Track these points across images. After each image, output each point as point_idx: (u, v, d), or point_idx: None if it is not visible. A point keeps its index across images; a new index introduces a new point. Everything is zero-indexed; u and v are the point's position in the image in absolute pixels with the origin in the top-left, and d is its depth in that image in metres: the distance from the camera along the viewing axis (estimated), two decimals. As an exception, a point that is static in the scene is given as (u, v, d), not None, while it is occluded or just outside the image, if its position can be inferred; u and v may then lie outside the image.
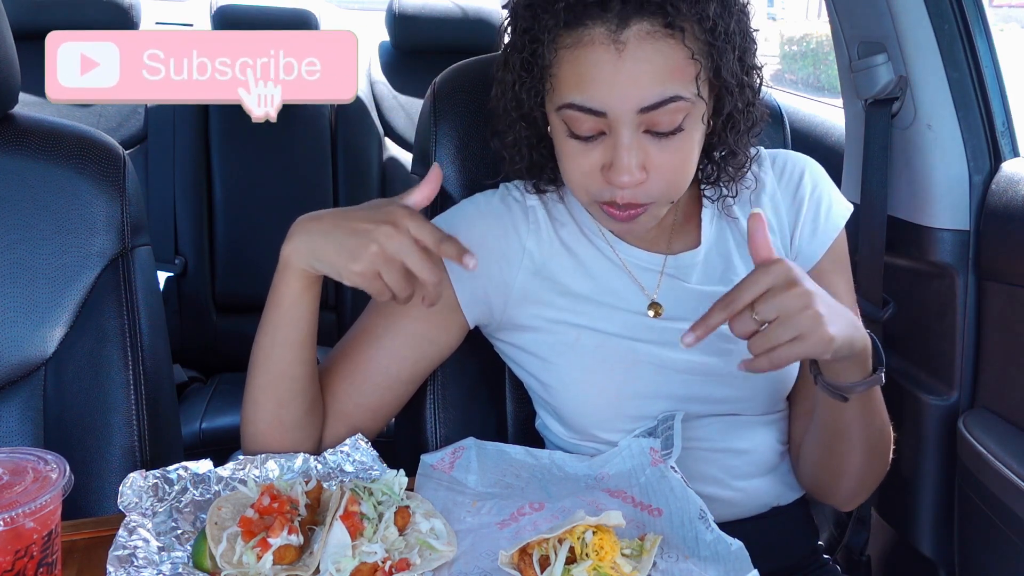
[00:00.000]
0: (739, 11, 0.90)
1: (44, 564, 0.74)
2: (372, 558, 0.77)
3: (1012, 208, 1.22)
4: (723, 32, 0.87)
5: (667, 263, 1.02)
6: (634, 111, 0.86)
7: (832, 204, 1.06)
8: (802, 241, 1.05)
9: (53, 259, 1.07)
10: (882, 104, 1.33)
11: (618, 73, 0.85)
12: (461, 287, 1.00)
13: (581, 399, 1.00)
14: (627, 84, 0.85)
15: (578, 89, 0.87)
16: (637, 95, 0.85)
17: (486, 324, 1.05)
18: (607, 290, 1.01)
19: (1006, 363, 1.24)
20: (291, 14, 2.46)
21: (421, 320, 1.00)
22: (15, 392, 1.07)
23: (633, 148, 0.87)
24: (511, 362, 1.09)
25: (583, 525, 0.77)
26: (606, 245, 1.03)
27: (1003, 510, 1.16)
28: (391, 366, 1.00)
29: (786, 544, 1.08)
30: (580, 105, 0.87)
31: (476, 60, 1.27)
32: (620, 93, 0.85)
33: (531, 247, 1.02)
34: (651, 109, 0.86)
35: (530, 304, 1.02)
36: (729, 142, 0.96)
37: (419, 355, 1.02)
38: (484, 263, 0.98)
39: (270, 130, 2.39)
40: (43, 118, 1.13)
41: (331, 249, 0.86)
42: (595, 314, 1.00)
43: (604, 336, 1.00)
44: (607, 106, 0.86)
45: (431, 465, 0.98)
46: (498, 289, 1.01)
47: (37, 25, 2.25)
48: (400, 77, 2.56)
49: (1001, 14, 5.22)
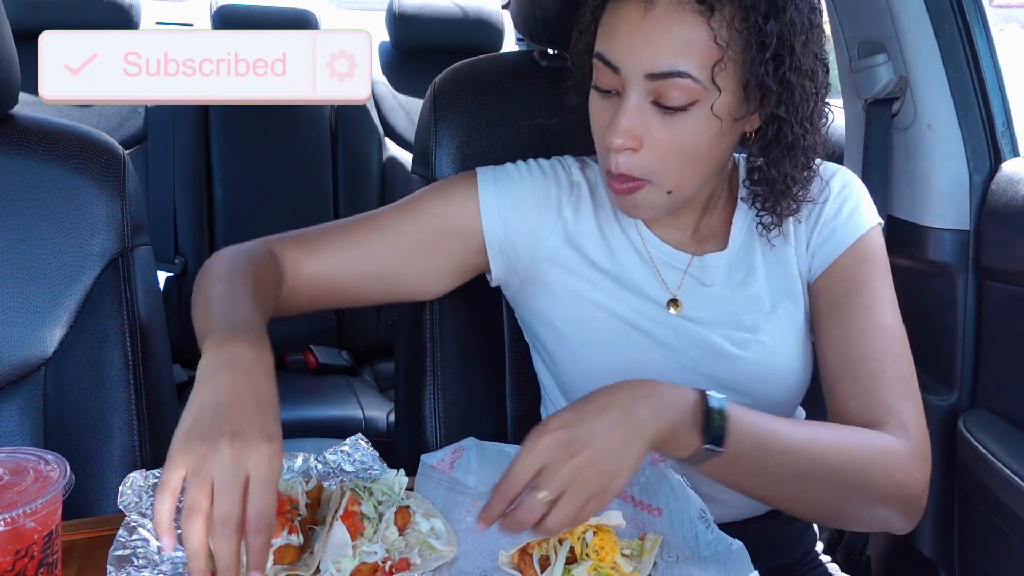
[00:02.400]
0: (800, 23, 0.87)
1: (44, 564, 0.74)
2: (372, 558, 0.77)
3: (1012, 208, 1.22)
4: (765, 31, 0.86)
5: (692, 263, 1.02)
6: (642, 75, 0.87)
7: (858, 207, 1.01)
8: (821, 239, 1.01)
9: (53, 259, 1.07)
10: (882, 104, 1.33)
11: (638, 32, 0.87)
12: (490, 228, 1.01)
13: (588, 377, 1.00)
14: (642, 45, 0.87)
15: (605, 40, 0.90)
16: (648, 59, 0.86)
17: (509, 282, 1.05)
18: (630, 277, 1.01)
19: (1006, 363, 1.24)
20: (291, 14, 2.46)
21: (433, 232, 1.01)
22: (15, 392, 1.07)
23: (633, 113, 0.88)
24: (529, 332, 1.09)
25: (583, 525, 0.77)
26: (637, 236, 1.03)
27: (1003, 510, 1.16)
28: (380, 258, 1.00)
29: (786, 544, 1.08)
30: (602, 55, 0.90)
31: (476, 60, 1.27)
32: (633, 53, 0.87)
33: (568, 216, 1.03)
34: (659, 78, 0.86)
35: (556, 267, 1.02)
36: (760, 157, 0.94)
37: (411, 263, 1.01)
38: (521, 214, 1.01)
39: (270, 130, 2.42)
40: (43, 118, 1.13)
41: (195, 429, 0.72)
42: (615, 295, 1.00)
43: (619, 320, 1.00)
44: (620, 62, 0.88)
45: (431, 465, 0.98)
46: (527, 242, 1.02)
47: (37, 25, 2.26)
48: (400, 77, 2.56)
49: (1001, 14, 5.22)
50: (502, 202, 1.01)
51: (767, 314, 1.00)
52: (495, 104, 1.21)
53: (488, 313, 1.16)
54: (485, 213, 1.01)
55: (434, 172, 1.19)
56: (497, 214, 1.01)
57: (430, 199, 1.04)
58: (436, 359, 1.17)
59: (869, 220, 1.01)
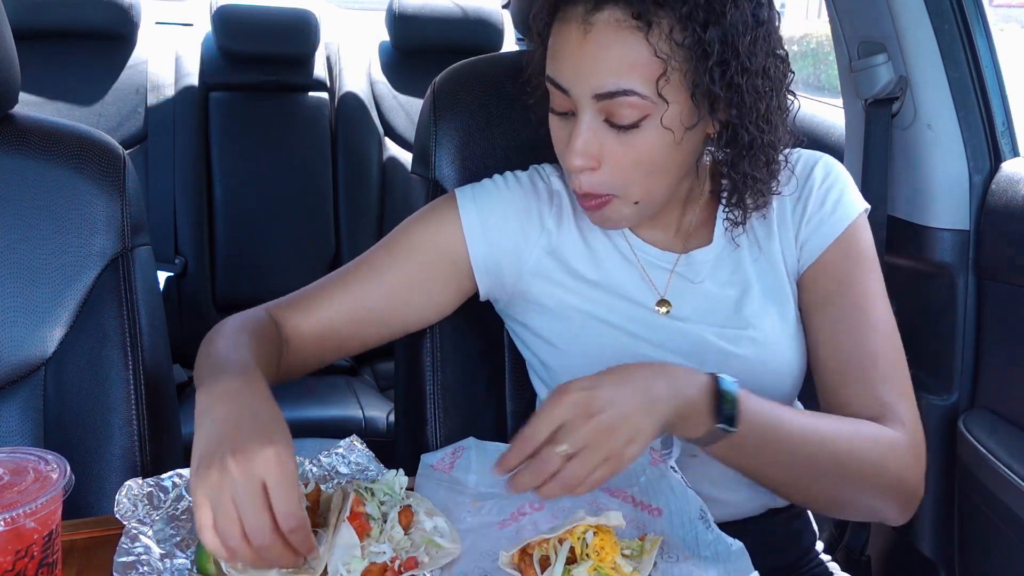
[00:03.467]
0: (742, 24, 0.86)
1: (44, 564, 0.74)
2: (381, 558, 0.77)
3: (1012, 208, 1.22)
4: (705, 40, 0.84)
5: (679, 261, 1.02)
6: (590, 95, 0.87)
7: (843, 196, 1.01)
8: (808, 231, 1.01)
9: (53, 259, 1.07)
10: (882, 104, 1.33)
11: (580, 54, 0.87)
12: (476, 251, 1.01)
13: None
14: (586, 67, 0.87)
15: (552, 62, 0.91)
16: (594, 80, 0.86)
17: (498, 297, 1.06)
18: (616, 282, 1.01)
19: (1006, 363, 1.24)
20: (291, 14, 2.46)
21: (425, 267, 1.02)
22: (15, 392, 1.07)
23: (588, 133, 0.88)
24: (519, 341, 1.09)
25: (583, 525, 0.77)
26: (622, 240, 1.03)
27: (1003, 510, 1.16)
28: (377, 302, 1.01)
29: (786, 544, 1.08)
30: (551, 78, 0.91)
31: (476, 60, 1.27)
32: (579, 75, 0.87)
33: (550, 226, 1.03)
34: (605, 98, 0.86)
35: (541, 280, 1.02)
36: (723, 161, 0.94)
37: (408, 300, 1.02)
38: (504, 232, 1.01)
39: (270, 130, 2.42)
40: (43, 118, 1.13)
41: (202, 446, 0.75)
42: (602, 303, 1.00)
43: (608, 327, 1.00)
44: (568, 85, 0.89)
45: (431, 465, 0.98)
46: (512, 259, 1.02)
47: (37, 25, 2.27)
48: (400, 77, 2.56)
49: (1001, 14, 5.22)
50: (484, 221, 1.02)
51: (757, 308, 1.00)
52: (495, 104, 1.21)
53: (487, 313, 1.16)
54: (469, 235, 1.01)
55: (434, 172, 1.19)
56: (481, 235, 1.01)
57: (416, 232, 1.03)
58: (436, 359, 1.17)
59: (855, 208, 1.01)
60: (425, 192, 1.21)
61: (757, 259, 1.02)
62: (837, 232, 1.00)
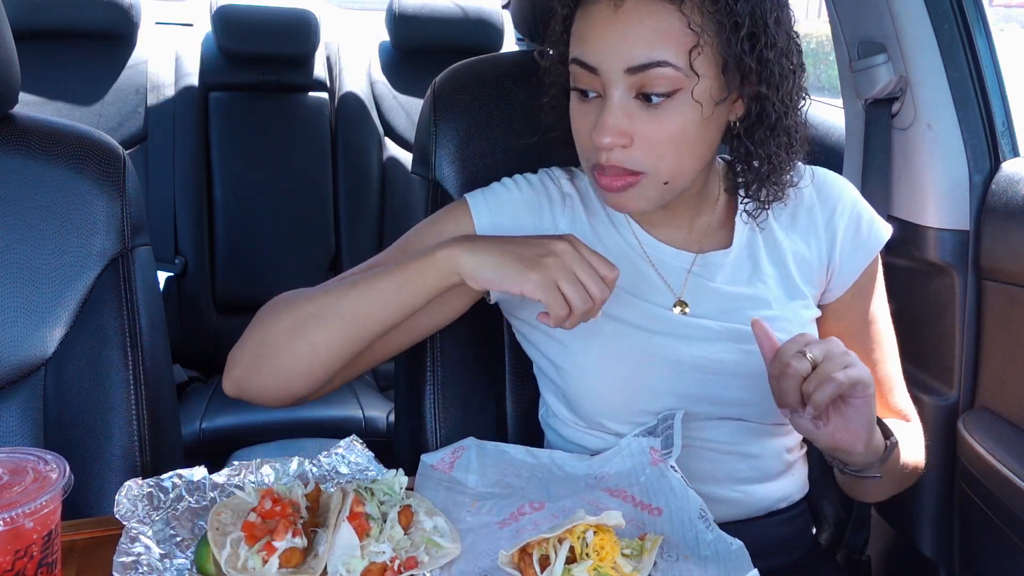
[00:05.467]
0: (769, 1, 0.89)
1: (44, 564, 0.74)
2: (381, 557, 0.77)
3: (1012, 208, 1.22)
4: (737, 11, 0.87)
5: (696, 262, 1.02)
6: (622, 70, 0.87)
7: (872, 221, 1.07)
8: (843, 256, 1.05)
9: (53, 259, 1.07)
10: (882, 104, 1.33)
11: (611, 30, 0.87)
12: None
13: (594, 386, 1.00)
14: (617, 42, 0.87)
15: (580, 43, 0.91)
16: (626, 54, 0.87)
17: (509, 298, 1.05)
18: (631, 281, 1.01)
19: (1006, 363, 1.24)
20: (291, 14, 2.46)
21: None
22: (15, 392, 1.07)
23: (618, 110, 0.89)
24: (526, 342, 1.09)
25: (583, 525, 0.77)
26: (634, 239, 1.03)
27: (1003, 510, 1.16)
28: None
29: (786, 544, 1.08)
30: (579, 59, 0.91)
31: (476, 60, 1.27)
32: (610, 50, 0.88)
33: (563, 227, 1.03)
34: (638, 71, 0.87)
35: None
36: (747, 143, 0.95)
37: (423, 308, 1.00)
38: (516, 233, 1.01)
39: (270, 130, 2.42)
40: (43, 118, 1.13)
41: (508, 260, 0.87)
42: (617, 302, 1.00)
43: (623, 325, 1.00)
44: (599, 62, 0.89)
45: (431, 465, 0.98)
46: None
47: (37, 25, 2.27)
48: (400, 77, 2.56)
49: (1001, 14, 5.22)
50: (497, 224, 1.01)
51: (775, 311, 1.00)
52: (495, 104, 1.21)
53: (488, 314, 1.16)
54: None
55: (434, 172, 1.19)
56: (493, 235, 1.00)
57: (429, 236, 1.01)
58: (436, 359, 1.17)
59: (883, 233, 1.07)
60: (425, 192, 1.21)
61: (776, 262, 1.03)
62: (870, 257, 1.06)
